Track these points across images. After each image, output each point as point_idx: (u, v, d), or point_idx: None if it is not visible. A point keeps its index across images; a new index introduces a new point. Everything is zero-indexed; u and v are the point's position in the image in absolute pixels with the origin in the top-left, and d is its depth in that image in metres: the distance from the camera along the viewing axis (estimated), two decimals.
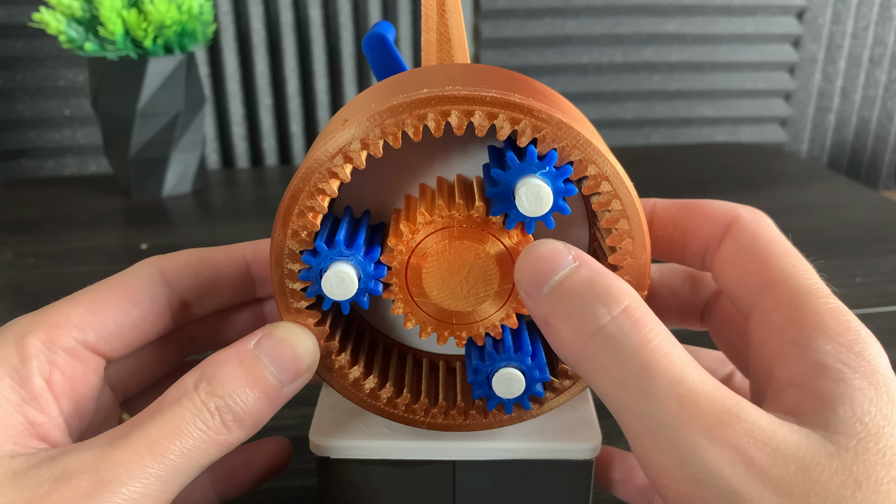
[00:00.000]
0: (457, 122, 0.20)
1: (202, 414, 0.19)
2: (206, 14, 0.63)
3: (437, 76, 0.21)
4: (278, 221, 0.21)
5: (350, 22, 0.79)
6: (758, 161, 0.78)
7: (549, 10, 0.83)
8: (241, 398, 0.20)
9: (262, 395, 0.20)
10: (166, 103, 0.62)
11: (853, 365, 0.17)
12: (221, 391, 0.20)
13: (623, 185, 0.20)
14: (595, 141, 0.20)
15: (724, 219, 0.23)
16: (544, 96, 0.21)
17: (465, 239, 0.21)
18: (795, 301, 0.20)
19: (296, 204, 0.20)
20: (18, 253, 0.55)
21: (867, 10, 0.90)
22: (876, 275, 0.50)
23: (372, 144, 0.20)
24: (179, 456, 0.19)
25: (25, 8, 0.72)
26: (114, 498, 0.18)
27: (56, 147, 0.79)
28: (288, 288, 0.21)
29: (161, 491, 0.18)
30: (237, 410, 0.20)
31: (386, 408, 0.23)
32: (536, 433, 0.24)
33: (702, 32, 0.87)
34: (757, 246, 0.22)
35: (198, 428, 0.19)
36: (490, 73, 0.22)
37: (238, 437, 0.20)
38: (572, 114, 0.22)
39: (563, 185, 0.20)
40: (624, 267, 0.21)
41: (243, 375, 0.20)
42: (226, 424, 0.19)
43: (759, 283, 0.21)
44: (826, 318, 0.19)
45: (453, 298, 0.22)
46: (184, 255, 0.24)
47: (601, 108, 0.89)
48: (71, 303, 0.22)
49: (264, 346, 0.20)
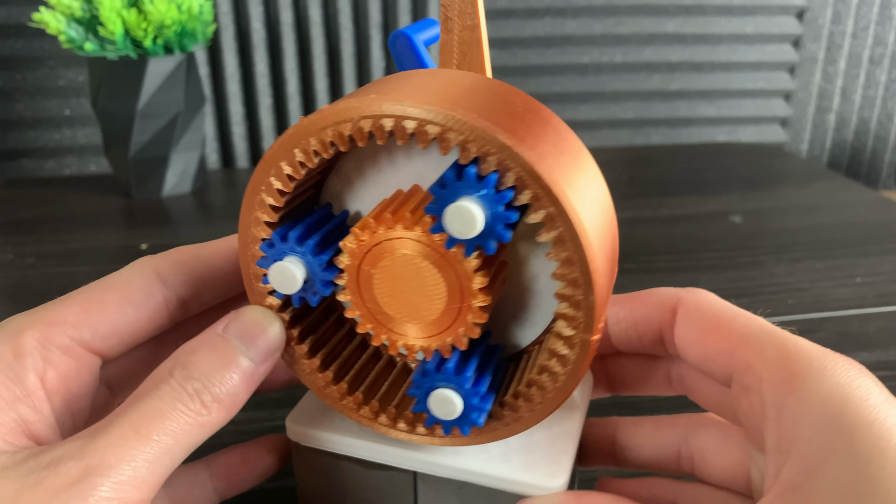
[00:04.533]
0: (387, 131, 0.19)
1: (181, 395, 0.20)
2: (205, 14, 0.63)
3: (416, 84, 0.20)
4: (243, 205, 0.21)
5: (350, 22, 0.79)
6: (758, 161, 0.78)
7: (549, 9, 0.83)
8: (217, 379, 0.20)
9: (236, 375, 0.20)
10: (166, 103, 0.62)
11: (829, 439, 0.18)
12: (197, 374, 0.20)
13: (569, 216, 0.18)
14: (548, 169, 0.18)
15: (668, 305, 0.24)
16: (527, 122, 0.20)
17: (413, 253, 0.20)
18: (763, 360, 0.21)
19: (256, 193, 0.21)
20: (18, 253, 0.55)
21: (867, 10, 0.90)
22: (876, 274, 0.50)
23: (316, 147, 0.20)
24: (164, 437, 0.19)
25: (25, 8, 0.72)
26: (103, 482, 0.18)
27: (56, 147, 0.79)
28: (252, 271, 0.22)
29: (149, 473, 0.19)
30: (215, 391, 0.20)
31: (340, 404, 0.23)
32: (500, 459, 0.23)
33: (702, 32, 0.87)
34: (706, 321, 0.23)
35: (178, 410, 0.19)
36: (483, 88, 0.21)
37: (219, 417, 0.20)
38: (542, 140, 0.19)
39: (502, 211, 0.18)
40: (570, 303, 0.19)
41: (216, 357, 0.20)
42: (205, 405, 0.20)
43: (721, 354, 0.22)
44: (791, 373, 0.20)
45: (400, 311, 0.21)
46: (176, 253, 0.24)
47: (601, 108, 0.89)
48: (67, 301, 0.22)
49: (233, 329, 0.21)
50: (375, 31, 0.79)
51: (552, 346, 0.20)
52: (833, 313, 0.45)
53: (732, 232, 0.58)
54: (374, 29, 0.79)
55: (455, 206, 0.18)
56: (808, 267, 0.51)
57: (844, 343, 0.41)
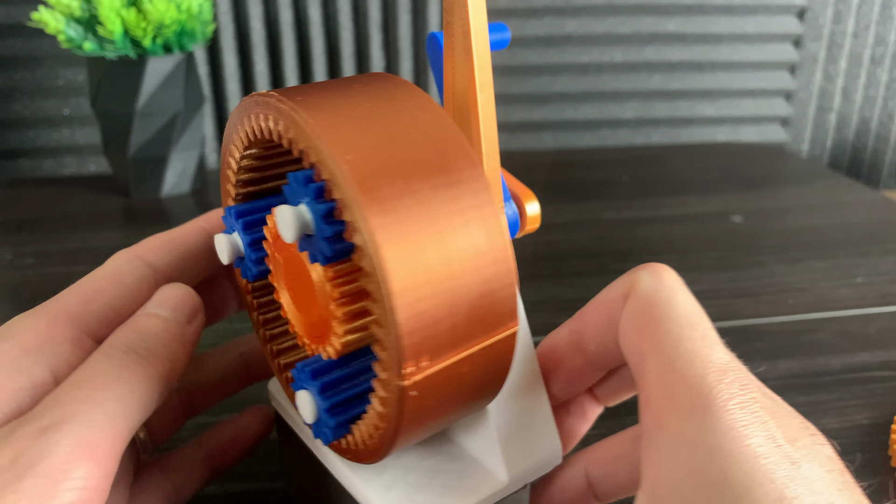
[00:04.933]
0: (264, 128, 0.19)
1: (113, 355, 0.20)
2: (205, 13, 0.63)
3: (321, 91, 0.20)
4: (221, 178, 0.23)
5: (350, 21, 0.79)
6: (759, 161, 0.78)
7: (549, 9, 0.83)
8: (143, 333, 0.21)
9: (163, 329, 0.21)
10: (165, 103, 0.62)
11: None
12: (122, 337, 0.21)
13: (368, 224, 0.16)
14: (360, 185, 0.16)
15: (621, 294, 0.21)
16: (385, 143, 0.17)
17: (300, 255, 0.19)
18: (656, 380, 0.18)
19: (225, 167, 0.22)
20: (18, 253, 0.54)
21: (868, 10, 0.90)
22: (877, 274, 0.50)
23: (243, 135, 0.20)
24: (112, 390, 0.19)
25: (24, 7, 0.72)
26: (62, 435, 0.18)
27: (55, 147, 0.79)
28: None
29: (108, 420, 0.19)
30: (144, 344, 0.21)
31: (273, 367, 0.25)
32: (374, 473, 0.22)
33: (702, 32, 0.87)
34: (639, 313, 0.20)
35: (114, 364, 0.20)
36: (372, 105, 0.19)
37: (162, 368, 0.21)
38: (386, 159, 0.17)
39: (321, 221, 0.17)
40: (376, 340, 0.17)
41: (139, 322, 0.22)
42: (141, 355, 0.20)
43: (634, 359, 0.20)
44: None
45: (297, 303, 0.21)
46: (152, 239, 0.25)
47: (601, 107, 0.89)
48: (66, 296, 0.22)
49: (149, 305, 0.22)
50: (375, 31, 0.79)
51: (375, 386, 0.18)
52: (834, 313, 0.45)
53: (733, 232, 0.58)
54: (374, 29, 0.79)
55: (277, 208, 0.18)
56: (809, 267, 0.51)
57: (845, 343, 0.41)
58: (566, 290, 0.47)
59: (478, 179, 0.18)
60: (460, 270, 0.17)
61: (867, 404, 0.36)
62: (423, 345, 0.17)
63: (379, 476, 0.22)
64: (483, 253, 0.18)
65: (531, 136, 0.88)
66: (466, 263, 0.18)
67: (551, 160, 0.78)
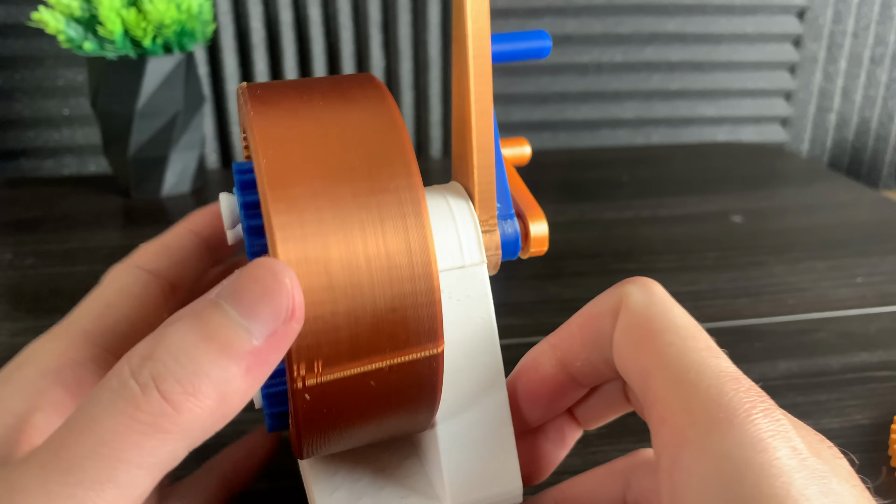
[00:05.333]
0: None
1: (125, 390, 0.14)
2: (205, 13, 0.63)
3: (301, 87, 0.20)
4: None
5: (350, 21, 0.79)
6: (758, 161, 0.78)
7: (549, 9, 0.83)
8: (190, 359, 0.14)
9: (221, 351, 0.15)
10: (165, 103, 0.62)
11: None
12: (162, 352, 0.14)
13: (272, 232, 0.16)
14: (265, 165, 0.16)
15: (610, 311, 0.20)
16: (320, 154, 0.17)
17: None
18: (669, 397, 0.17)
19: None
20: (17, 253, 0.54)
21: (868, 10, 0.90)
22: (877, 275, 0.50)
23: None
24: (99, 459, 0.13)
25: (24, 7, 0.72)
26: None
27: (55, 147, 0.79)
28: None
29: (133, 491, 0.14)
30: (186, 376, 0.14)
31: None
32: (344, 501, 0.22)
33: (702, 32, 0.87)
34: (634, 330, 0.19)
35: (119, 410, 0.14)
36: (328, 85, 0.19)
37: (196, 417, 0.14)
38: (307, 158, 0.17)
39: (243, 214, 0.17)
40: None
41: (195, 328, 0.15)
42: (168, 398, 0.14)
43: (638, 376, 0.19)
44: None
45: None
46: (145, 248, 0.24)
47: (601, 107, 0.89)
48: (77, 317, 0.21)
49: (226, 290, 0.15)
50: (375, 31, 0.79)
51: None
52: (834, 313, 0.45)
53: (733, 232, 0.58)
54: (374, 28, 0.79)
55: (221, 194, 0.18)
56: (809, 267, 0.51)
57: (845, 343, 0.41)
58: (566, 290, 0.47)
59: (408, 190, 0.17)
60: (367, 280, 0.17)
61: (867, 404, 0.36)
62: (316, 349, 0.16)
63: (331, 476, 0.22)
64: (398, 266, 0.17)
65: (531, 136, 0.88)
66: (376, 274, 0.17)
67: (551, 160, 0.78)
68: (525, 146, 0.25)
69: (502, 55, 0.23)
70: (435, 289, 0.17)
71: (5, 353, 0.40)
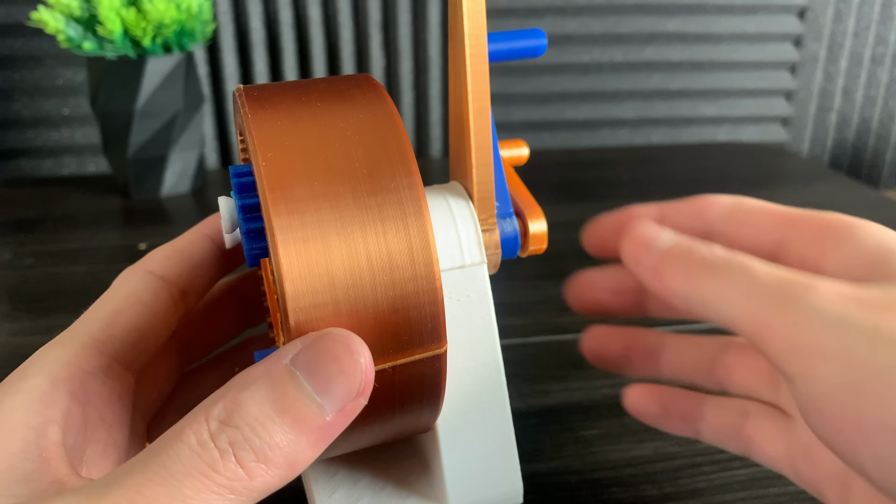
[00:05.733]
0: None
1: (206, 453, 0.15)
2: (204, 13, 0.63)
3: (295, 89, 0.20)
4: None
5: (349, 21, 0.79)
6: (759, 161, 0.78)
7: (550, 9, 0.83)
8: (265, 430, 0.15)
9: (294, 425, 0.15)
10: (165, 103, 0.62)
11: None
12: (239, 420, 0.15)
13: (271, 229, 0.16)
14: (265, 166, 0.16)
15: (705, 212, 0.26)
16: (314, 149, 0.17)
17: None
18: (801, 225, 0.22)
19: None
20: (17, 253, 0.54)
21: (868, 9, 0.90)
22: None
23: None
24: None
25: (24, 7, 0.72)
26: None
27: (54, 147, 0.79)
28: None
29: None
30: (261, 447, 0.15)
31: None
32: (343, 501, 0.22)
33: (703, 31, 0.87)
34: (754, 209, 0.25)
35: (198, 471, 0.15)
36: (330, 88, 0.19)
37: (266, 483, 0.15)
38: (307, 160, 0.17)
39: (241, 217, 0.17)
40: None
41: (272, 399, 0.15)
42: (244, 465, 0.15)
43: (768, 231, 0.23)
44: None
45: (269, 301, 0.22)
46: (158, 252, 0.24)
47: (601, 107, 0.88)
48: (86, 322, 0.21)
49: (303, 361, 0.16)
50: (375, 31, 0.79)
51: None
52: None
53: None
54: (374, 28, 0.79)
55: (220, 198, 0.18)
56: None
57: None
58: None
59: (408, 190, 0.17)
60: (369, 281, 0.17)
61: None
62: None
63: (331, 477, 0.22)
64: (400, 266, 0.17)
65: (531, 135, 0.88)
66: (378, 275, 0.17)
67: (551, 160, 0.78)
68: (523, 147, 0.25)
69: (499, 54, 0.23)
70: (437, 289, 0.17)
71: (5, 352, 0.40)
